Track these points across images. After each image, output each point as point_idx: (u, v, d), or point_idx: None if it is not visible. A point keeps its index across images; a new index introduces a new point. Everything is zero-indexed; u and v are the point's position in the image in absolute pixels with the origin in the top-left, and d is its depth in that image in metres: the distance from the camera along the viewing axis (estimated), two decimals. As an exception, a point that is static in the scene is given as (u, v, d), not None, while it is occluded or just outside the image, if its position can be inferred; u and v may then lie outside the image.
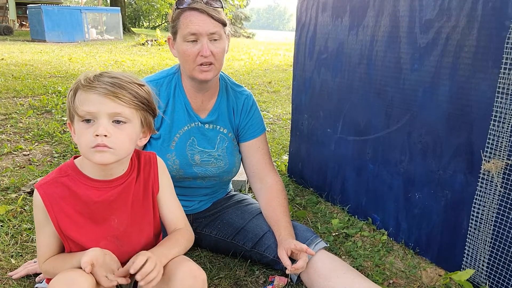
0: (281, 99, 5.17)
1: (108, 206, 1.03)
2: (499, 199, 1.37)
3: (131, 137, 0.98)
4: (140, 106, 0.97)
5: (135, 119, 0.98)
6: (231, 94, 1.57)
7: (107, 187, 1.02)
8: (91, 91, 0.92)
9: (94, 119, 0.92)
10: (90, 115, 0.92)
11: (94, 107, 0.91)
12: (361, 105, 1.88)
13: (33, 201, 1.01)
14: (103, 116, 0.92)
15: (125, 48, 12.04)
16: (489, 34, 1.31)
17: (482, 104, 1.36)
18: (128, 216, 1.06)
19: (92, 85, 0.92)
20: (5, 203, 2.01)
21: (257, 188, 1.58)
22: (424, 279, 1.56)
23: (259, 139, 1.59)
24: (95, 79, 0.93)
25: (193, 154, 1.49)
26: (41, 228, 1.02)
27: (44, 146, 2.95)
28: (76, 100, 0.93)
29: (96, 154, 0.92)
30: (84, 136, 0.93)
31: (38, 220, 1.02)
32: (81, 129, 0.93)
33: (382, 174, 1.82)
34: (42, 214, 1.00)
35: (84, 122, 0.93)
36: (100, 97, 0.92)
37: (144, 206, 1.10)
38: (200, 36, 1.33)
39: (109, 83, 0.92)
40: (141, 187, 1.09)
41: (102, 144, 0.91)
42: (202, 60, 1.35)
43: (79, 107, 0.92)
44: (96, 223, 1.02)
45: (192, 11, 1.33)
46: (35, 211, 1.02)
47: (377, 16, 1.73)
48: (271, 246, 1.47)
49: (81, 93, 0.93)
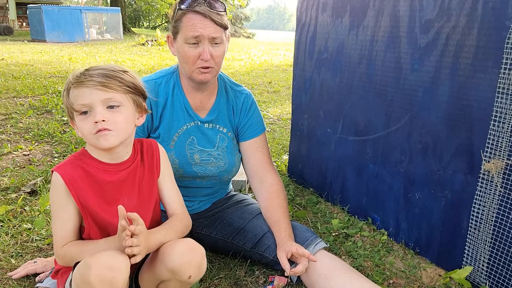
0: (281, 99, 5.17)
1: (119, 187, 1.10)
2: (499, 199, 1.37)
3: (127, 117, 1.05)
4: (128, 90, 1.05)
5: (127, 102, 1.05)
6: (230, 93, 1.57)
7: (117, 169, 1.09)
8: (81, 86, 1.00)
9: (90, 110, 1.00)
10: (86, 107, 1.00)
11: (87, 99, 0.99)
12: (361, 105, 1.88)
13: (52, 184, 1.05)
14: (97, 104, 1.00)
15: (125, 48, 12.05)
16: (489, 34, 1.31)
17: (482, 104, 1.36)
18: (136, 197, 1.13)
19: (80, 81, 1.00)
20: (5, 203, 2.01)
21: (256, 188, 1.58)
22: (424, 279, 1.56)
23: (259, 139, 1.59)
24: (82, 75, 1.01)
25: (192, 153, 1.49)
26: (59, 210, 1.05)
27: (44, 146, 2.95)
28: (71, 98, 1.01)
29: (100, 138, 1.00)
30: (85, 126, 1.01)
31: (57, 201, 1.05)
32: (81, 121, 1.01)
33: (382, 174, 1.82)
34: (63, 194, 1.04)
35: (82, 115, 1.01)
36: (90, 89, 0.99)
37: (149, 188, 1.17)
38: (202, 40, 1.33)
39: (95, 75, 1.00)
40: (146, 170, 1.17)
41: (103, 128, 0.99)
42: (202, 63, 1.35)
43: (74, 103, 1.00)
44: (109, 203, 1.08)
45: (196, 14, 1.32)
46: (54, 194, 1.05)
47: (377, 16, 1.73)
48: (271, 247, 1.47)
49: (73, 90, 1.01)
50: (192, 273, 1.04)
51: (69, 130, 3.35)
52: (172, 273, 1.04)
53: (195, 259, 1.05)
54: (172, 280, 1.08)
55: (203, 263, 1.08)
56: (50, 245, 1.68)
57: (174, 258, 1.02)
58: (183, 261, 1.02)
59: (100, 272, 0.90)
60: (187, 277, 1.04)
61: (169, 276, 1.06)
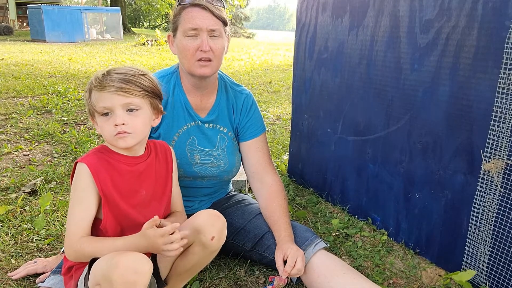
0: (281, 99, 5.17)
1: (138, 178, 1.16)
2: (499, 199, 1.37)
3: (145, 121, 1.13)
4: (146, 94, 1.12)
5: (145, 105, 1.12)
6: (230, 93, 1.57)
7: (135, 162, 1.17)
8: (103, 91, 1.06)
9: (111, 112, 1.07)
10: (107, 110, 1.07)
11: (108, 102, 1.06)
12: (361, 105, 1.88)
13: (77, 174, 1.09)
14: (118, 108, 1.07)
15: (125, 48, 12.05)
16: (489, 34, 1.31)
17: (482, 104, 1.36)
18: (152, 189, 1.19)
19: (102, 85, 1.06)
20: (5, 203, 2.01)
21: (256, 188, 1.58)
22: (424, 279, 1.56)
23: (259, 139, 1.59)
24: (104, 79, 1.07)
25: (192, 153, 1.49)
26: (81, 198, 1.08)
27: (44, 146, 2.95)
28: (93, 99, 1.08)
29: (119, 140, 1.08)
30: (106, 127, 1.08)
31: (81, 189, 1.08)
32: (102, 122, 1.08)
33: (382, 174, 1.82)
34: (88, 183, 1.07)
35: (103, 116, 1.08)
36: (111, 94, 1.06)
37: (164, 183, 1.24)
38: (201, 32, 1.34)
39: (116, 80, 1.06)
40: (161, 165, 1.25)
41: (122, 131, 1.07)
42: (201, 55, 1.35)
43: (96, 105, 1.07)
44: (128, 195, 1.14)
45: (194, 7, 1.34)
46: (79, 182, 1.08)
47: (377, 16, 1.73)
48: (271, 247, 1.47)
49: (95, 92, 1.07)
50: (215, 234, 1.14)
51: (69, 130, 3.35)
52: (197, 231, 1.13)
53: (218, 223, 1.16)
54: (195, 245, 1.16)
55: (224, 231, 1.18)
56: (50, 245, 1.68)
57: (200, 219, 1.14)
58: (207, 222, 1.14)
59: (125, 273, 0.91)
60: (211, 237, 1.13)
61: (193, 236, 1.13)
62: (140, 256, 0.96)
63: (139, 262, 0.94)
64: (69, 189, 2.22)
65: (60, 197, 2.11)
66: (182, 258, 1.21)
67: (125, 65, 1.15)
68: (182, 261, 1.22)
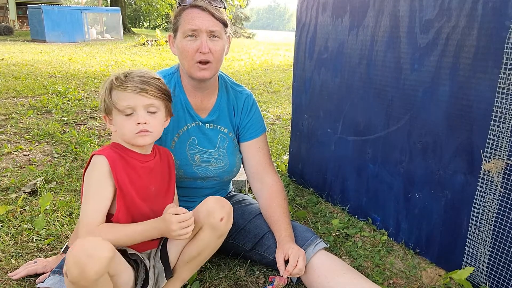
0: (281, 99, 5.17)
1: (149, 174, 1.23)
2: (499, 199, 1.37)
3: (161, 122, 1.22)
4: (163, 96, 1.20)
5: (162, 107, 1.21)
6: (231, 93, 1.57)
7: (146, 159, 1.24)
8: (126, 90, 1.13)
9: (133, 111, 1.14)
10: (130, 108, 1.14)
11: (131, 102, 1.13)
12: (361, 105, 1.88)
13: (93, 165, 1.14)
14: (140, 108, 1.14)
15: (125, 48, 12.05)
16: (489, 34, 1.31)
17: (482, 104, 1.36)
18: (159, 186, 1.27)
19: (125, 85, 1.13)
20: (5, 203, 2.01)
21: (257, 188, 1.58)
22: (424, 279, 1.56)
23: (260, 139, 1.59)
24: (126, 79, 1.14)
25: (193, 154, 1.49)
26: (97, 188, 1.12)
27: (44, 146, 2.95)
28: (114, 98, 1.14)
29: (139, 138, 1.16)
30: (127, 126, 1.14)
31: (98, 180, 1.12)
32: (123, 121, 1.14)
33: (382, 174, 1.82)
34: (105, 174, 1.13)
35: (124, 115, 1.14)
36: (133, 94, 1.13)
37: (168, 183, 1.31)
38: (200, 33, 1.33)
39: (139, 82, 1.14)
40: (165, 164, 1.32)
41: (144, 130, 1.15)
42: (200, 57, 1.35)
43: (118, 103, 1.13)
44: (139, 190, 1.20)
45: (194, 8, 1.34)
46: (96, 173, 1.13)
47: (377, 16, 1.73)
48: (271, 247, 1.47)
49: (117, 92, 1.13)
50: (224, 215, 1.21)
51: (69, 130, 3.35)
52: (207, 214, 1.20)
53: (227, 207, 1.24)
54: (204, 228, 1.22)
55: (231, 216, 1.26)
56: (50, 245, 1.68)
57: (209, 203, 1.22)
58: (216, 205, 1.22)
59: (78, 254, 0.94)
60: (220, 218, 1.20)
61: (203, 218, 1.20)
62: (102, 242, 0.98)
63: (97, 247, 0.96)
64: (69, 189, 2.22)
65: (60, 197, 2.11)
66: (190, 245, 1.27)
67: (139, 69, 1.21)
68: (190, 247, 1.27)
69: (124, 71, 1.17)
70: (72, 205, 2.02)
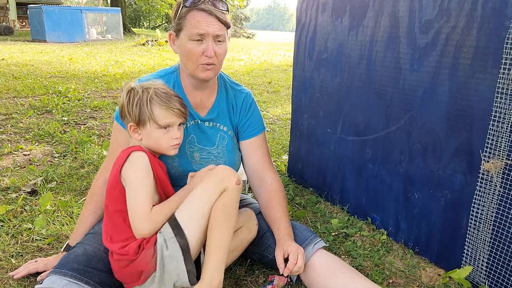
0: (281, 99, 5.17)
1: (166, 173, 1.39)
2: (498, 199, 1.37)
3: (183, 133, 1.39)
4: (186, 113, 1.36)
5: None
6: (230, 92, 1.57)
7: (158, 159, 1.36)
8: (169, 111, 1.26)
9: (170, 127, 1.28)
10: (169, 125, 1.28)
11: (172, 120, 1.28)
12: (361, 105, 1.89)
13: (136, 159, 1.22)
14: (176, 125, 1.30)
15: (126, 48, 12.05)
16: (488, 34, 1.32)
17: (482, 104, 1.36)
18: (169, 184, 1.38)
19: (170, 106, 1.26)
20: (5, 203, 2.01)
21: (256, 187, 1.59)
22: (423, 278, 1.56)
23: (259, 138, 1.60)
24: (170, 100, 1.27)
25: (192, 152, 1.49)
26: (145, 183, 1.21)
27: (45, 146, 2.96)
28: (156, 113, 1.25)
29: (173, 150, 1.31)
30: (165, 139, 1.28)
31: (144, 173, 1.22)
32: (161, 134, 1.27)
33: (382, 174, 1.82)
34: (148, 168, 1.23)
35: (162, 129, 1.27)
36: (176, 116, 1.28)
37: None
38: (207, 37, 1.34)
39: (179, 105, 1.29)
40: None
41: (177, 144, 1.31)
42: (205, 60, 1.36)
43: (160, 120, 1.25)
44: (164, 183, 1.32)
45: (201, 11, 1.33)
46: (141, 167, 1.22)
47: (377, 16, 1.73)
48: (270, 246, 1.48)
49: (160, 110, 1.25)
50: (238, 178, 1.26)
51: (70, 130, 3.36)
52: (221, 181, 1.24)
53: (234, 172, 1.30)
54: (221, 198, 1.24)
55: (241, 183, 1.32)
56: (50, 245, 1.69)
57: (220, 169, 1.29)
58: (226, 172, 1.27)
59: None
60: (235, 182, 1.24)
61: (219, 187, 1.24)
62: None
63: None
64: (69, 189, 2.22)
65: (60, 197, 2.12)
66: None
67: (162, 84, 1.34)
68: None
69: (161, 86, 1.30)
70: (72, 205, 2.02)
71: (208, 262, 1.19)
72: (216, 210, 1.21)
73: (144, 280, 1.19)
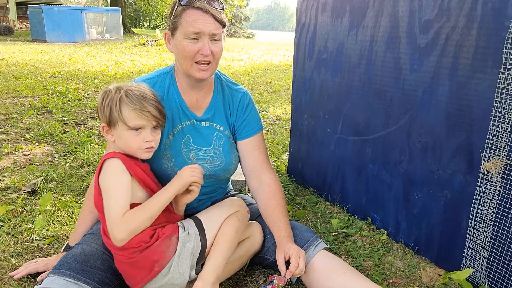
0: (281, 99, 5.17)
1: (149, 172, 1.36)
2: (498, 199, 1.37)
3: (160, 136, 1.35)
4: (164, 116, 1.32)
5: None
6: (226, 91, 1.56)
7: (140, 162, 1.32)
8: (141, 114, 1.22)
9: (142, 129, 1.23)
10: (140, 127, 1.23)
11: (144, 122, 1.23)
12: (361, 105, 1.88)
13: (109, 167, 1.20)
14: (149, 128, 1.25)
15: (125, 48, 12.05)
16: (488, 34, 1.32)
17: (482, 104, 1.36)
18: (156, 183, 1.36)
19: (142, 110, 1.22)
20: (5, 203, 2.01)
21: (254, 187, 1.58)
22: (423, 278, 1.56)
23: (256, 138, 1.59)
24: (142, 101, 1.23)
25: (188, 152, 1.48)
26: (116, 187, 1.19)
27: (45, 146, 2.96)
28: (125, 115, 1.21)
29: (145, 153, 1.26)
30: (135, 141, 1.23)
31: (116, 179, 1.19)
32: (131, 136, 1.23)
33: (382, 174, 1.82)
34: (121, 172, 1.20)
35: (133, 131, 1.22)
36: (148, 119, 1.23)
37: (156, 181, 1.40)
38: (202, 36, 1.33)
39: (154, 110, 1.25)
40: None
41: (150, 147, 1.26)
42: (201, 58, 1.34)
43: (130, 121, 1.21)
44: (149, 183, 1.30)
45: (196, 10, 1.32)
46: (111, 172, 1.20)
47: (377, 16, 1.73)
48: (270, 248, 1.48)
49: (130, 111, 1.21)
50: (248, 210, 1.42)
51: (70, 130, 3.36)
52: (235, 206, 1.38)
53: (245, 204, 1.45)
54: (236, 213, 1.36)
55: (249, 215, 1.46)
56: (50, 245, 1.69)
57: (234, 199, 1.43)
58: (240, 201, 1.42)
59: None
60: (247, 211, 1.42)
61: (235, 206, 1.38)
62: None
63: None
64: (69, 189, 2.22)
65: (61, 197, 2.12)
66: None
67: (139, 86, 1.28)
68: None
69: (137, 88, 1.25)
70: (72, 205, 2.02)
71: (207, 266, 1.27)
72: (230, 217, 1.34)
73: (158, 271, 1.20)
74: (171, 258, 1.21)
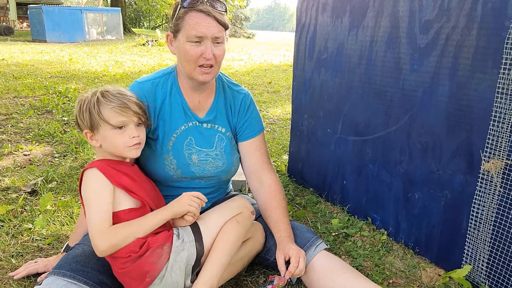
0: (281, 99, 5.17)
1: (139, 177, 1.33)
2: (498, 199, 1.37)
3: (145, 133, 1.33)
4: (144, 111, 1.31)
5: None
6: (228, 93, 1.56)
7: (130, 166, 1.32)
8: (122, 111, 1.21)
9: (125, 126, 1.23)
10: (122, 124, 1.22)
11: (125, 118, 1.22)
12: (361, 105, 1.89)
13: (88, 178, 1.19)
14: (133, 124, 1.23)
15: (126, 49, 12.05)
16: (488, 35, 1.32)
17: (482, 104, 1.36)
18: (148, 188, 1.34)
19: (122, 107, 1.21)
20: (5, 203, 2.01)
21: (255, 188, 1.58)
22: (423, 278, 1.56)
23: (257, 139, 1.59)
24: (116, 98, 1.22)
25: (190, 153, 1.49)
26: (98, 198, 1.17)
27: (45, 146, 2.96)
28: (105, 115, 1.20)
29: (133, 150, 1.25)
30: (120, 139, 1.22)
31: (96, 189, 1.17)
32: (116, 135, 1.22)
33: (382, 174, 1.82)
34: (101, 182, 1.18)
35: (117, 129, 1.21)
36: (129, 116, 1.23)
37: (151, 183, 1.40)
38: (205, 39, 1.32)
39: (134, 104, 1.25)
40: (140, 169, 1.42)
41: (138, 143, 1.24)
42: (203, 61, 1.34)
43: (111, 120, 1.20)
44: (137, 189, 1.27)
45: (199, 12, 1.31)
46: (92, 184, 1.18)
47: (377, 16, 1.73)
48: (271, 249, 1.48)
49: (109, 110, 1.20)
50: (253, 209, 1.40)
51: (70, 130, 3.36)
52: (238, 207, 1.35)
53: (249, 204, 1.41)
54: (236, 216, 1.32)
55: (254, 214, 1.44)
56: (50, 245, 1.69)
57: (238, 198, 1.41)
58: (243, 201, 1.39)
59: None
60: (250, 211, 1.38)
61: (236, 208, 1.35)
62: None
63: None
64: (69, 189, 2.22)
65: (61, 197, 2.12)
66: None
67: (120, 87, 1.29)
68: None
69: (102, 89, 1.24)
70: (72, 205, 2.02)
71: (201, 275, 1.24)
72: (229, 222, 1.30)
73: (149, 282, 1.17)
74: (163, 268, 1.18)
